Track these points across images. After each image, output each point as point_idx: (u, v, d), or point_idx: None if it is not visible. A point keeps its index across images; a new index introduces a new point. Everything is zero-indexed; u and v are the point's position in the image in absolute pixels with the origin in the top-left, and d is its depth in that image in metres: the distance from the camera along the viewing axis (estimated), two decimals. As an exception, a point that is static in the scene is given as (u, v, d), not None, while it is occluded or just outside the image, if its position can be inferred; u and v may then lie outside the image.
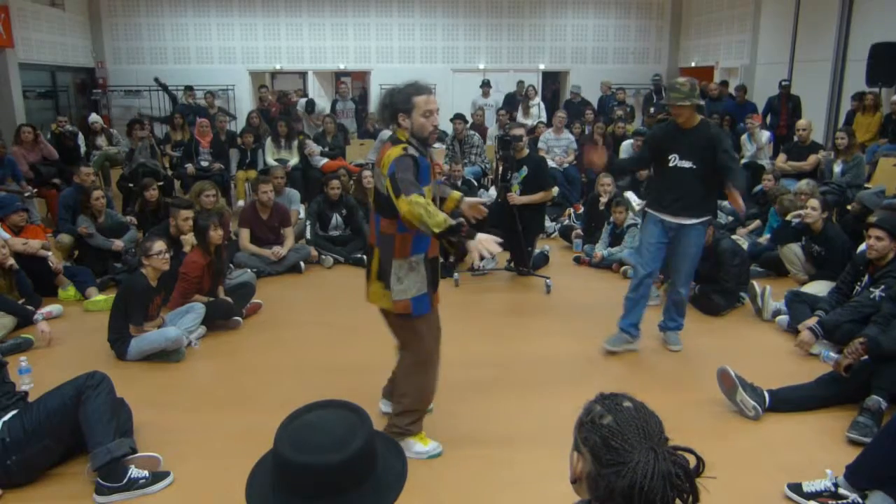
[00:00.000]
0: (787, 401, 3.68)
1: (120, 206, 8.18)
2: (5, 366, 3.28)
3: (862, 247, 4.68)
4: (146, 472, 3.02)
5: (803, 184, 6.43)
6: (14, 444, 2.91)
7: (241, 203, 8.49)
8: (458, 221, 2.80)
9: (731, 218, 7.32)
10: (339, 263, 6.68)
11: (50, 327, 4.71)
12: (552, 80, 15.42)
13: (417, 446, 3.26)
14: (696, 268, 4.51)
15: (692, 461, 1.35)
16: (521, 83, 12.62)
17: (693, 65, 14.39)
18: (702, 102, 4.17)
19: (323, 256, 6.71)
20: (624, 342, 4.54)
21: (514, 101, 12.14)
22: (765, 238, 6.60)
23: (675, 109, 4.17)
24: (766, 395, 3.66)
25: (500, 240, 2.94)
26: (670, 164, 4.25)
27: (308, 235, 7.04)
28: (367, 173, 7.24)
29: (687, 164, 4.19)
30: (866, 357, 3.58)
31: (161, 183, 7.39)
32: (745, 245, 6.40)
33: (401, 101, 3.01)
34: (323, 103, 12.25)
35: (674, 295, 4.57)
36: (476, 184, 8.52)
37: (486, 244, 2.83)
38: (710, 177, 4.17)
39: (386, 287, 3.04)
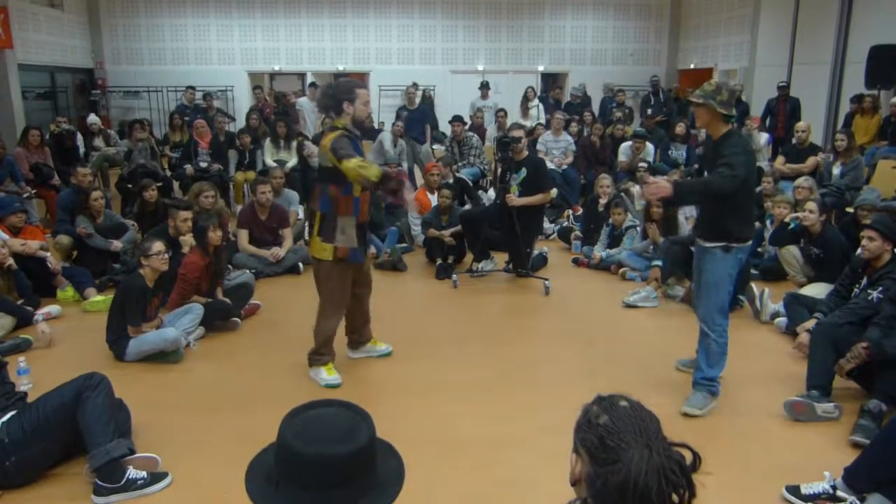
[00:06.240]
0: None
1: (118, 206, 8.17)
2: (5, 366, 3.28)
3: (860, 249, 4.69)
4: (144, 473, 3.01)
5: (802, 180, 6.44)
6: (13, 445, 2.90)
7: (239, 205, 8.46)
8: (387, 170, 3.79)
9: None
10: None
11: (50, 328, 4.72)
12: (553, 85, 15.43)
13: (322, 373, 4.08)
14: (723, 301, 3.73)
15: (688, 457, 1.35)
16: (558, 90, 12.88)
17: (692, 66, 14.42)
18: (725, 111, 3.51)
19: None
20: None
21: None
22: (765, 246, 6.56)
23: (693, 109, 3.73)
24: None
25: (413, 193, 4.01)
26: None
27: (307, 236, 7.02)
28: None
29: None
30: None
31: (160, 184, 7.39)
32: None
33: (345, 91, 3.87)
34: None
35: (700, 334, 3.85)
36: (470, 183, 8.51)
37: (409, 194, 4.03)
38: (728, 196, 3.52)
39: (325, 240, 3.86)
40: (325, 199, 3.88)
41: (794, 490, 2.93)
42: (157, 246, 4.41)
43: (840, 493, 2.86)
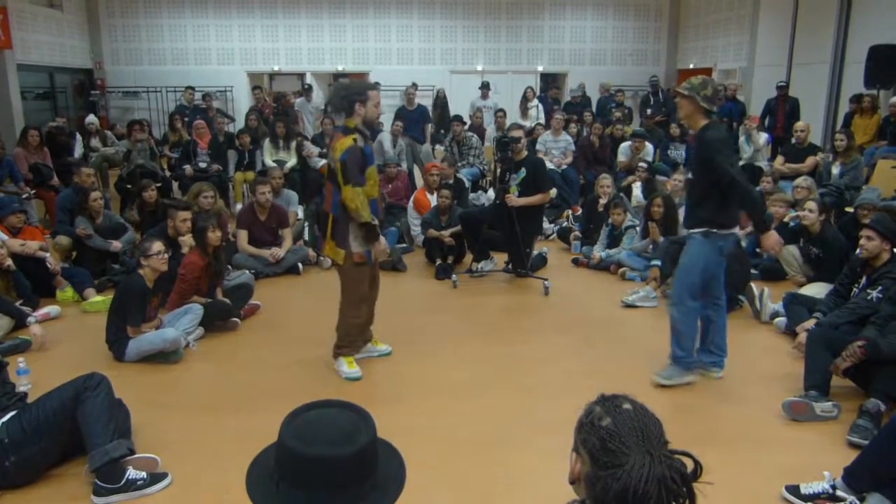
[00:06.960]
0: None
1: (118, 207, 8.17)
2: (5, 367, 3.28)
3: (859, 249, 4.70)
4: (144, 474, 3.01)
5: (801, 180, 6.46)
6: (13, 445, 2.90)
7: (238, 206, 8.47)
8: (375, 224, 3.90)
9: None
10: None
11: (43, 330, 4.69)
12: (551, 85, 15.44)
13: (344, 366, 4.18)
14: (693, 283, 3.90)
15: (690, 465, 1.35)
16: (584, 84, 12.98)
17: (691, 66, 14.41)
18: (706, 105, 3.72)
19: (321, 258, 6.70)
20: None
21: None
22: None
23: (678, 101, 3.90)
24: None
25: (386, 249, 4.21)
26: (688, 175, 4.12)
27: (306, 237, 7.04)
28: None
29: (690, 174, 4.03)
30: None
31: (159, 184, 7.38)
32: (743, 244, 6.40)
33: (358, 92, 3.90)
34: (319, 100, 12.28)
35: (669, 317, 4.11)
36: (465, 184, 8.51)
37: (382, 248, 4.06)
38: (700, 185, 3.82)
39: (338, 245, 3.96)
40: (335, 201, 3.88)
41: (794, 490, 2.93)
42: (157, 246, 4.40)
43: (840, 493, 2.86)
